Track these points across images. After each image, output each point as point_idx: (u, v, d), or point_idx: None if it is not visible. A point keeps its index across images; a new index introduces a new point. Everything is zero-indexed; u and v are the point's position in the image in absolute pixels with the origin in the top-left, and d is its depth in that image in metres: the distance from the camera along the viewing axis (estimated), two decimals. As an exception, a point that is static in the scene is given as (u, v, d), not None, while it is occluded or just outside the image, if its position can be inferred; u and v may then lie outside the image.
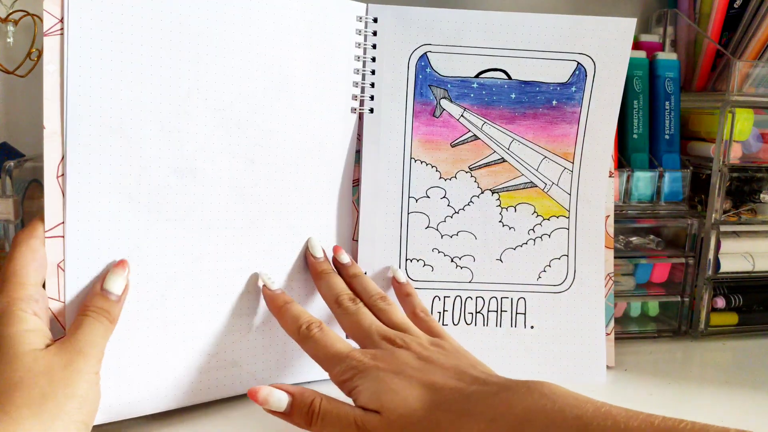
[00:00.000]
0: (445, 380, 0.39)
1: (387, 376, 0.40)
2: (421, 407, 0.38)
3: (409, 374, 0.40)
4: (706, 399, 0.52)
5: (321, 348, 0.43)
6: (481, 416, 0.36)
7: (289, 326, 0.45)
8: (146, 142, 0.43)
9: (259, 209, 0.48)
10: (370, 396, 0.39)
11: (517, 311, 0.54)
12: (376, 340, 0.44)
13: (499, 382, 0.39)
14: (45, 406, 0.34)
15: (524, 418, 0.35)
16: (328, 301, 0.48)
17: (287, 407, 0.39)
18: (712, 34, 0.70)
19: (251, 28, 0.46)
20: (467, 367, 0.41)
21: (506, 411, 0.36)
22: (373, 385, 0.39)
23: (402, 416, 0.38)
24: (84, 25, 0.40)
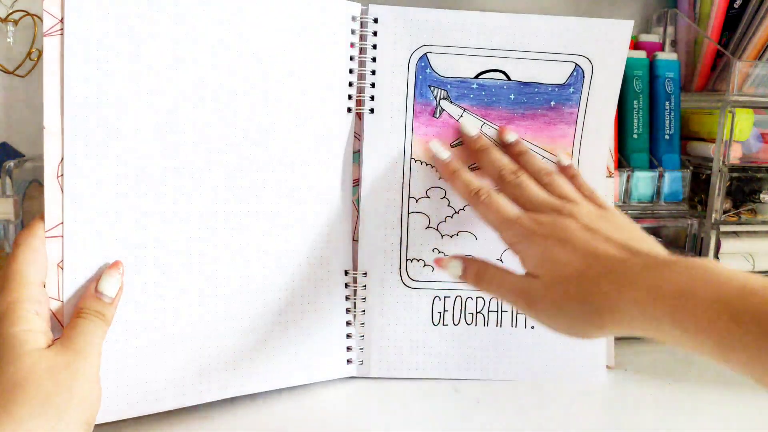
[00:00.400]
0: (607, 250, 0.40)
1: (551, 243, 0.41)
2: (581, 275, 0.39)
3: (573, 243, 0.41)
4: (706, 399, 0.52)
5: (492, 212, 0.45)
6: (641, 285, 0.36)
7: (462, 192, 0.48)
8: (144, 142, 0.43)
9: (258, 209, 0.48)
10: (534, 262, 0.42)
11: (518, 311, 0.54)
12: (543, 209, 0.44)
13: (662, 256, 0.38)
14: (48, 405, 0.35)
15: (687, 288, 0.34)
16: (492, 176, 0.49)
17: (461, 272, 0.46)
18: (712, 34, 0.70)
19: (247, 29, 0.46)
20: (632, 240, 0.41)
21: (668, 280, 0.35)
22: (537, 251, 0.42)
23: (561, 282, 0.39)
24: (81, 26, 0.40)
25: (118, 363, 0.42)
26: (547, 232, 0.42)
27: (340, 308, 0.52)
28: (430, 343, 0.54)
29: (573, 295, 0.38)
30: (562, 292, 0.39)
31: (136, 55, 0.42)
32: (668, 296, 0.34)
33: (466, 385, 0.53)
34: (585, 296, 0.38)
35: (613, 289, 0.37)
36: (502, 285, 0.43)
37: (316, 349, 0.51)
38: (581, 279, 0.39)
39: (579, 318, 0.38)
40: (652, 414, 0.49)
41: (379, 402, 0.50)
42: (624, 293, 0.36)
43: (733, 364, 0.33)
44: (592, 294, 0.38)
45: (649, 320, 0.35)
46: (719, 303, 0.33)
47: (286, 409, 0.48)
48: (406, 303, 0.53)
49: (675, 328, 0.34)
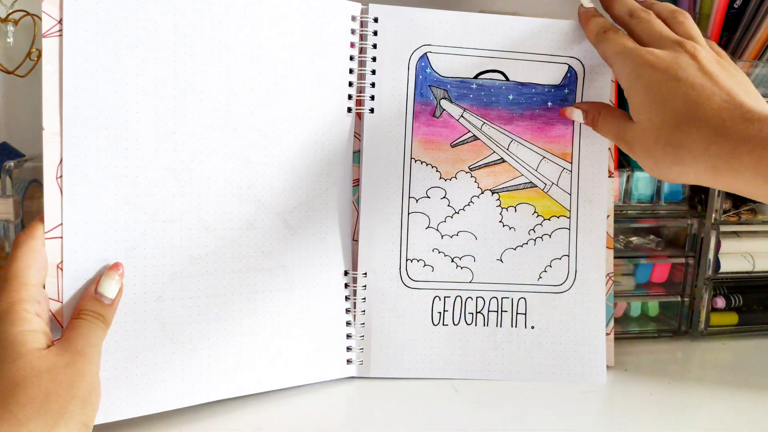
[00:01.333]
0: (714, 95, 0.41)
1: (661, 77, 0.42)
2: (675, 121, 0.41)
3: (683, 81, 0.42)
4: (706, 399, 0.52)
5: (612, 45, 0.47)
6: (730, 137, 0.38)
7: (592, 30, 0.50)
8: (143, 143, 0.43)
9: (257, 210, 0.48)
10: (635, 101, 0.44)
11: (518, 311, 0.54)
12: (666, 44, 0.45)
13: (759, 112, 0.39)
14: (48, 405, 0.35)
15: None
16: (621, 17, 0.49)
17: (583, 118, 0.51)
18: (712, 34, 0.69)
19: (246, 29, 0.46)
20: (742, 93, 0.41)
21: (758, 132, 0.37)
22: (642, 89, 0.43)
23: (653, 128, 0.42)
24: (80, 27, 0.40)
25: (118, 363, 0.42)
26: (661, 64, 0.43)
27: (340, 308, 0.52)
28: (430, 343, 0.54)
29: (663, 142, 0.41)
30: (652, 138, 0.42)
31: (135, 55, 0.42)
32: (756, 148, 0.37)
33: (466, 385, 0.53)
34: (674, 145, 0.41)
35: (701, 139, 0.39)
36: (610, 130, 0.48)
37: (316, 349, 0.51)
38: (672, 128, 0.41)
39: (665, 161, 0.42)
40: (652, 414, 0.49)
41: (379, 402, 0.50)
42: (712, 145, 0.39)
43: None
44: (678, 144, 0.40)
45: (732, 169, 0.38)
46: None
47: (286, 409, 0.48)
48: (406, 303, 0.53)
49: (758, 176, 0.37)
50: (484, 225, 0.54)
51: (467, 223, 0.54)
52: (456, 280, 0.54)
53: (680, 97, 0.41)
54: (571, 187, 0.54)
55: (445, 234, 0.54)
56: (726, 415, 0.49)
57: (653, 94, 0.42)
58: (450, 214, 0.54)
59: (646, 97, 0.43)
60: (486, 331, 0.54)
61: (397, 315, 0.53)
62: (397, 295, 0.53)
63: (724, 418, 0.49)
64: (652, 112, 0.42)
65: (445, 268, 0.54)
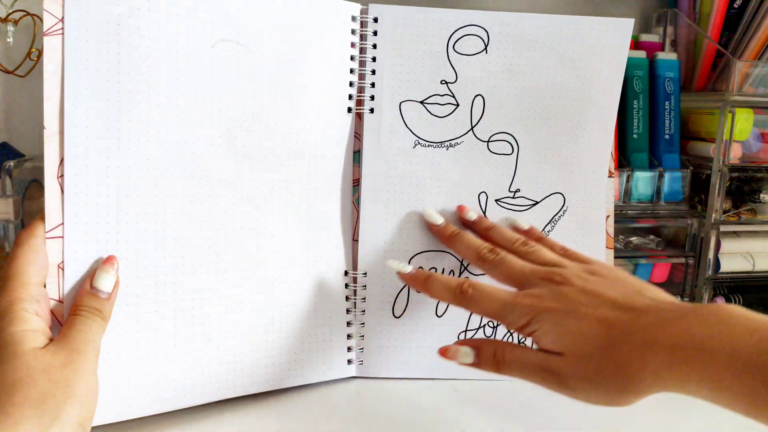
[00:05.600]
0: (615, 313, 0.39)
1: (560, 316, 0.40)
2: (601, 344, 0.38)
3: (581, 312, 0.39)
4: (706, 399, 0.52)
5: (485, 302, 0.43)
6: (661, 346, 0.35)
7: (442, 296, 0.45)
8: (144, 142, 0.43)
9: (258, 209, 0.48)
10: (551, 339, 0.39)
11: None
12: (534, 281, 0.43)
13: (673, 308, 0.38)
14: (45, 406, 0.34)
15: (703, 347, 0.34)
16: (471, 259, 0.49)
17: (474, 359, 0.42)
18: (712, 34, 0.70)
19: (247, 28, 0.46)
20: (634, 294, 0.40)
21: (686, 339, 0.35)
22: (550, 328, 0.40)
23: (585, 355, 0.38)
24: (82, 26, 0.40)
25: (118, 364, 0.42)
26: (550, 305, 0.40)
27: (340, 308, 0.52)
28: (430, 343, 0.54)
29: (604, 368, 0.37)
30: (593, 368, 0.37)
31: (136, 54, 0.42)
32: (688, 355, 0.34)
33: (466, 385, 0.53)
34: (614, 367, 0.37)
35: (636, 354, 0.36)
36: (527, 366, 0.40)
37: (316, 349, 0.51)
38: (604, 350, 0.37)
39: (614, 389, 0.37)
40: (652, 414, 0.49)
41: (379, 402, 0.50)
42: (647, 356, 0.36)
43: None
44: (620, 364, 0.36)
45: (678, 380, 0.35)
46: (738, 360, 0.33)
47: (287, 409, 0.48)
48: (406, 303, 0.53)
49: (702, 388, 0.34)
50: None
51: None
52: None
53: (589, 325, 0.39)
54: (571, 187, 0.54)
55: (445, 234, 0.54)
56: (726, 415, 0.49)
57: (564, 329, 0.39)
58: (450, 214, 0.54)
59: (559, 332, 0.39)
60: (486, 332, 0.54)
61: (397, 315, 0.53)
62: (397, 295, 0.53)
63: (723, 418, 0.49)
64: (574, 343, 0.39)
65: (447, 269, 0.54)
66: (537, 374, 0.40)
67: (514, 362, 0.41)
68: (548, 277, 0.43)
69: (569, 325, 0.39)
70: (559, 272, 0.43)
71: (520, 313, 0.41)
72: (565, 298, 0.41)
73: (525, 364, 0.40)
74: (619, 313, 0.39)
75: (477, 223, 0.52)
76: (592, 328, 0.38)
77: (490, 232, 0.51)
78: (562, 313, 0.40)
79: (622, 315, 0.38)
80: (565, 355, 0.39)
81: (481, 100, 0.53)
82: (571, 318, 0.39)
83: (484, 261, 0.47)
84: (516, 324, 0.41)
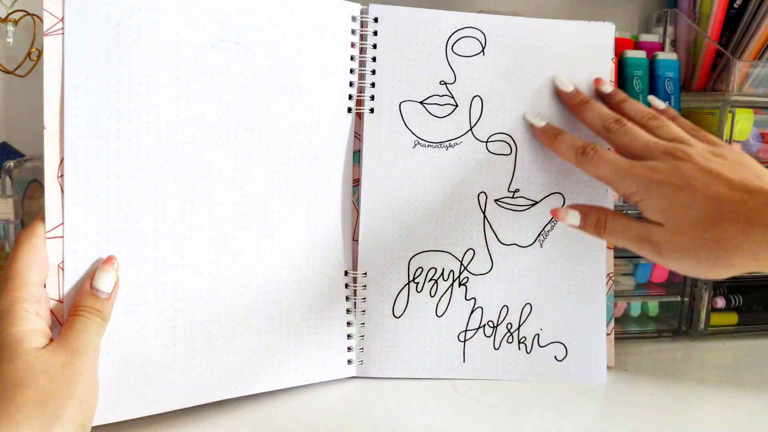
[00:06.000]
0: (728, 192, 0.40)
1: (671, 190, 0.42)
2: (704, 219, 0.40)
3: (694, 187, 0.41)
4: (706, 399, 0.52)
5: (603, 167, 0.46)
6: (765, 226, 0.38)
7: (567, 154, 0.49)
8: (145, 142, 0.43)
9: (258, 209, 0.48)
10: (655, 210, 0.42)
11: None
12: (655, 154, 0.44)
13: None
14: (45, 406, 0.34)
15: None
16: (596, 129, 0.49)
17: (580, 222, 0.47)
18: (712, 34, 0.70)
19: (247, 28, 0.46)
20: (752, 177, 0.41)
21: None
22: (657, 200, 0.42)
23: (685, 229, 0.41)
24: (82, 26, 0.40)
25: (118, 364, 0.42)
26: (664, 178, 0.42)
27: (340, 308, 0.52)
28: (430, 343, 0.54)
29: (700, 241, 0.40)
30: (689, 239, 0.40)
31: (137, 54, 0.42)
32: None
33: (466, 385, 0.53)
34: (712, 241, 0.40)
35: (739, 231, 0.39)
36: (626, 232, 0.44)
37: (317, 349, 0.51)
38: (707, 225, 0.40)
39: (707, 261, 0.40)
40: (652, 414, 0.49)
41: (379, 402, 0.50)
42: (749, 235, 0.38)
43: None
44: (719, 239, 0.39)
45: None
46: None
47: (287, 409, 0.48)
48: (406, 303, 0.53)
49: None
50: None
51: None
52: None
53: (699, 200, 0.41)
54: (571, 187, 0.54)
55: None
56: (726, 415, 0.50)
57: (672, 203, 0.42)
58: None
59: (665, 206, 0.42)
60: (486, 331, 0.54)
61: (397, 315, 0.53)
62: (397, 295, 0.53)
63: (724, 418, 0.49)
64: (678, 215, 0.41)
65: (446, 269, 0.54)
66: (635, 242, 0.44)
67: (616, 230, 0.45)
68: (670, 151, 0.44)
69: (678, 198, 0.41)
70: (683, 149, 0.44)
71: (631, 181, 0.43)
72: (681, 174, 0.42)
73: (625, 231, 0.44)
74: (731, 192, 0.40)
75: (611, 96, 0.52)
76: (701, 203, 0.40)
77: (623, 104, 0.50)
78: (674, 187, 0.42)
79: (734, 194, 0.40)
80: (665, 226, 0.42)
81: (479, 100, 0.53)
82: (681, 192, 0.41)
83: (609, 131, 0.48)
84: (624, 191, 0.44)
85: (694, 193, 0.41)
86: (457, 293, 0.54)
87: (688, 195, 0.41)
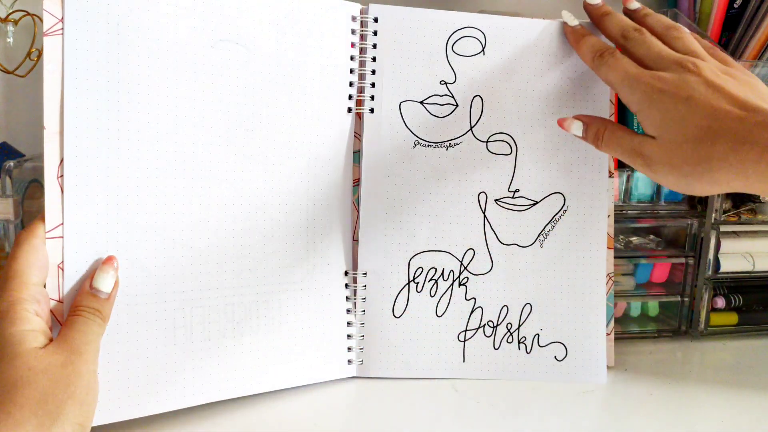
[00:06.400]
0: (728, 108, 0.40)
1: (671, 102, 0.42)
2: (698, 136, 0.40)
3: (694, 100, 0.41)
4: (706, 399, 0.52)
5: (613, 71, 0.46)
6: (757, 143, 0.38)
7: (586, 54, 0.49)
8: (144, 142, 0.43)
9: (257, 210, 0.48)
10: (652, 123, 0.43)
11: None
12: (667, 64, 0.44)
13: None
14: (45, 406, 0.34)
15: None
16: (615, 38, 0.49)
17: (582, 132, 0.49)
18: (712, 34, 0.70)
19: (247, 28, 0.46)
20: (757, 98, 0.41)
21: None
22: (656, 113, 0.43)
23: (676, 144, 0.41)
24: (81, 26, 0.40)
25: (118, 364, 0.42)
26: (668, 88, 0.42)
27: (340, 308, 0.53)
28: (430, 343, 0.54)
29: (689, 157, 0.41)
30: (679, 155, 0.41)
31: (137, 54, 0.42)
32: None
33: (466, 385, 0.53)
34: (701, 158, 0.40)
35: (729, 149, 0.39)
36: (621, 145, 0.45)
37: (317, 349, 0.51)
38: (698, 142, 0.40)
39: (693, 176, 0.41)
40: (652, 414, 0.49)
41: (379, 402, 0.50)
42: (739, 153, 0.38)
43: None
44: (708, 156, 0.40)
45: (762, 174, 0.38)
46: None
47: (286, 409, 0.48)
48: (407, 303, 0.53)
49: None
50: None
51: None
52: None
53: (698, 114, 0.41)
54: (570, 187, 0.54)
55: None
56: (726, 415, 0.50)
57: (669, 116, 0.42)
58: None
59: (662, 118, 0.42)
60: (486, 331, 0.54)
61: (397, 315, 0.53)
62: (397, 295, 0.53)
63: (724, 418, 0.49)
64: (672, 129, 0.42)
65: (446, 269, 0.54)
66: (627, 155, 0.45)
67: (612, 142, 0.46)
68: (681, 62, 0.44)
69: (676, 111, 0.42)
70: (695, 61, 0.44)
71: (635, 88, 0.44)
72: (686, 86, 0.42)
73: (620, 144, 0.46)
74: (731, 109, 0.40)
75: (636, 11, 0.51)
76: (698, 119, 0.41)
77: (646, 17, 0.50)
78: (675, 99, 0.42)
79: (732, 111, 0.40)
80: (658, 140, 0.43)
81: (479, 100, 0.53)
82: (680, 105, 0.41)
83: (626, 39, 0.48)
84: (628, 99, 0.45)
85: (694, 108, 0.41)
86: (457, 293, 0.54)
87: (688, 108, 0.41)
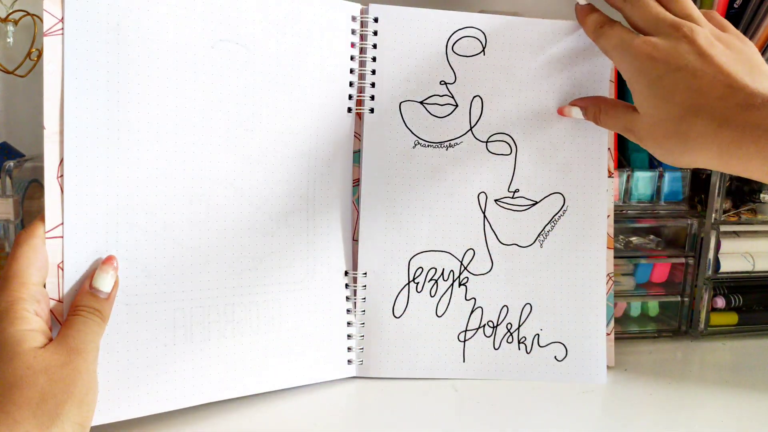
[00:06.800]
0: (714, 88, 0.41)
1: (662, 70, 0.43)
2: (681, 113, 0.42)
3: (682, 73, 0.42)
4: (706, 399, 0.52)
5: (609, 40, 0.47)
6: (738, 124, 0.39)
7: (589, 27, 0.50)
8: (144, 142, 0.43)
9: (257, 210, 0.48)
10: (639, 93, 0.45)
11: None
12: (662, 28, 0.44)
13: (763, 95, 0.40)
14: (45, 406, 0.35)
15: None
16: (615, 2, 0.49)
17: (582, 115, 0.52)
18: (712, 34, 0.69)
19: (247, 28, 0.46)
20: (744, 73, 0.41)
21: (764, 120, 0.38)
22: (643, 81, 0.44)
23: (660, 120, 0.43)
24: (81, 26, 0.40)
25: (118, 364, 0.42)
26: (660, 56, 0.43)
27: (340, 308, 0.53)
28: (430, 343, 0.54)
29: (670, 134, 0.42)
30: (661, 131, 0.43)
31: (137, 54, 0.42)
32: (760, 135, 0.38)
33: (466, 385, 0.53)
34: (680, 136, 0.42)
35: (709, 130, 0.40)
36: (615, 124, 0.49)
37: (317, 349, 0.51)
38: (679, 119, 0.42)
39: (675, 153, 0.43)
40: (652, 414, 0.49)
41: (379, 402, 0.50)
42: (719, 135, 0.39)
43: None
44: (687, 136, 0.41)
45: (740, 157, 0.39)
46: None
47: (286, 409, 0.48)
48: (407, 303, 0.53)
49: (766, 164, 0.38)
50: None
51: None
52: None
53: (683, 88, 0.42)
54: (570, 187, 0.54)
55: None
56: (726, 415, 0.50)
57: (656, 87, 0.43)
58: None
59: (649, 90, 0.44)
60: (486, 332, 0.54)
61: (397, 315, 0.53)
62: (397, 295, 0.53)
63: (724, 418, 0.49)
64: (657, 105, 0.43)
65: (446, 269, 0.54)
66: (622, 131, 0.48)
67: (609, 120, 0.49)
68: (677, 25, 0.44)
69: (662, 83, 0.43)
70: (690, 26, 0.44)
71: (626, 53, 0.45)
72: (677, 55, 0.43)
73: (615, 122, 0.49)
74: (713, 87, 0.41)
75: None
76: (681, 95, 0.42)
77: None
78: (666, 68, 0.43)
79: (716, 89, 0.41)
80: (642, 116, 0.45)
81: (479, 100, 0.53)
82: (669, 76, 0.42)
83: (626, 1, 0.47)
84: (620, 67, 0.46)
85: (680, 81, 0.42)
86: (457, 293, 0.54)
87: (673, 83, 0.42)
